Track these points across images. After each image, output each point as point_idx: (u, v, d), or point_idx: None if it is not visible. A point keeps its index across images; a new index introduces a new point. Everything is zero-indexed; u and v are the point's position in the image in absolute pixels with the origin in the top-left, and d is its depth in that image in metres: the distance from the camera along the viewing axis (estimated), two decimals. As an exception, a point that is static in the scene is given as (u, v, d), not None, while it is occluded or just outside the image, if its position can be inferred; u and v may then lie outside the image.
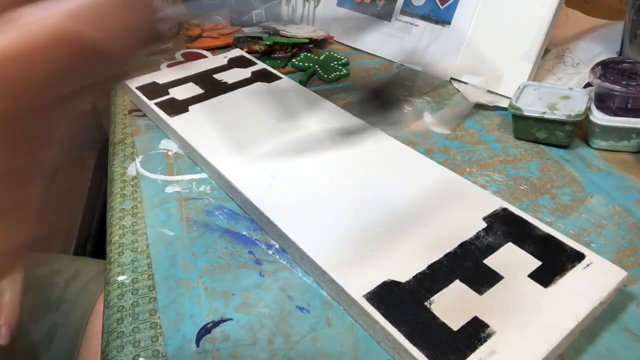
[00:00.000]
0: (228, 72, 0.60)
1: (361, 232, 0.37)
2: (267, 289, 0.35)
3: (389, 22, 0.69)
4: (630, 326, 0.32)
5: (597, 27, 0.65)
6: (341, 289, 0.33)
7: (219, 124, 0.50)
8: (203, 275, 0.37)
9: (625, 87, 0.46)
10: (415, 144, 0.50)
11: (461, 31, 0.61)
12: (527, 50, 0.56)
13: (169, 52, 0.73)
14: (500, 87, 0.58)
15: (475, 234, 0.36)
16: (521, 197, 0.43)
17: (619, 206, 0.42)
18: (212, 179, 0.46)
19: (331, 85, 0.63)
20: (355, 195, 0.40)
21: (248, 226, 0.41)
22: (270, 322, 0.33)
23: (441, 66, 0.63)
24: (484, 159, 0.48)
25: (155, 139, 0.53)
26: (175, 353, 0.31)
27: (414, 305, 0.31)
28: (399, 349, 0.30)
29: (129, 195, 0.45)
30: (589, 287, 0.32)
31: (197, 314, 0.34)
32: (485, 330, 0.30)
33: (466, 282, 0.33)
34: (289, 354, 0.31)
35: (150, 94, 0.56)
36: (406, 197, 0.40)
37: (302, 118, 0.51)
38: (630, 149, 0.48)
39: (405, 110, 0.57)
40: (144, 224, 0.42)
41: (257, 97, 0.55)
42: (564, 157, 0.48)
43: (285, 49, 0.69)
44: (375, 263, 0.34)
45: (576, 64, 0.60)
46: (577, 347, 0.31)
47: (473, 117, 0.55)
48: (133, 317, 0.34)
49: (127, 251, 0.39)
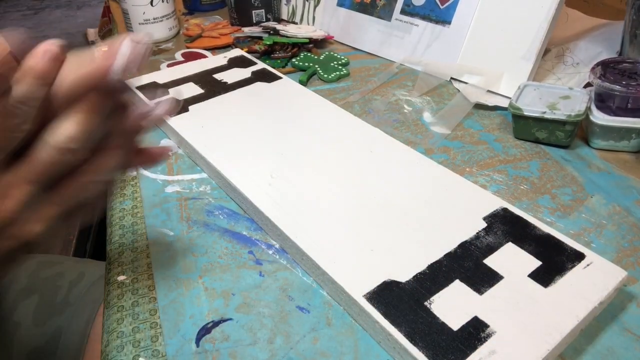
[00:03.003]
0: (228, 72, 0.60)
1: (361, 232, 0.37)
2: (267, 289, 0.35)
3: (389, 22, 0.69)
4: (630, 326, 0.32)
5: (597, 27, 0.65)
6: (341, 289, 0.33)
7: (219, 124, 0.50)
8: (203, 275, 0.37)
9: (625, 87, 0.46)
10: (415, 144, 0.50)
11: (461, 31, 0.61)
12: (527, 50, 0.56)
13: (169, 52, 0.73)
14: (500, 87, 0.58)
15: (475, 234, 0.36)
16: (521, 197, 0.43)
17: (619, 206, 0.42)
18: (212, 179, 0.46)
19: (331, 85, 0.63)
20: (355, 195, 0.40)
21: (248, 226, 0.41)
22: (270, 322, 0.33)
23: (441, 66, 0.63)
24: (484, 159, 0.48)
25: (155, 139, 0.53)
26: (175, 353, 0.31)
27: (414, 305, 0.31)
28: (399, 349, 0.30)
29: (129, 195, 0.45)
30: (589, 287, 0.32)
31: (197, 314, 0.34)
32: (485, 330, 0.30)
33: (466, 282, 0.33)
34: (289, 354, 0.31)
35: (150, 94, 0.56)
36: (406, 197, 0.40)
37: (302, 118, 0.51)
38: (630, 149, 0.48)
39: (406, 110, 0.57)
40: (144, 224, 0.42)
41: (257, 97, 0.55)
42: (564, 157, 0.48)
43: (285, 49, 0.69)
44: (375, 263, 0.34)
45: (576, 64, 0.60)
46: (577, 347, 0.31)
47: (473, 117, 0.55)
48: (133, 317, 0.34)
49: (127, 251, 0.39)
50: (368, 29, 0.71)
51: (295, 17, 0.80)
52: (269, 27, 0.74)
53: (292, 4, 0.80)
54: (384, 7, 0.70)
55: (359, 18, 0.72)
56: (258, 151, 0.46)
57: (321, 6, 0.77)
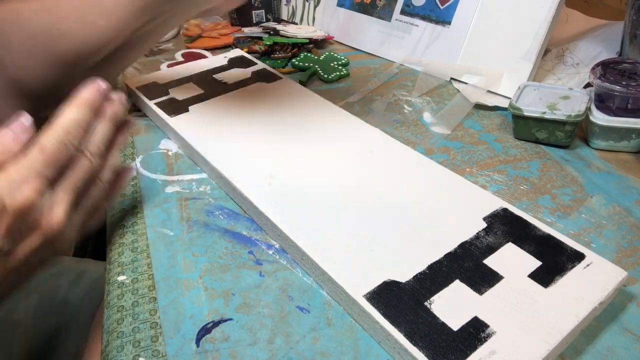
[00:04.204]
0: (228, 72, 0.60)
1: (361, 232, 0.37)
2: (267, 289, 0.35)
3: (389, 22, 0.69)
4: (630, 326, 0.32)
5: (597, 27, 0.65)
6: (341, 289, 0.33)
7: (219, 124, 0.50)
8: (203, 275, 0.37)
9: (625, 87, 0.46)
10: (415, 144, 0.50)
11: (461, 31, 0.61)
12: (527, 50, 0.56)
13: (169, 52, 0.73)
14: (500, 88, 0.58)
15: (475, 234, 0.36)
16: (521, 197, 0.43)
17: (619, 206, 0.42)
18: (212, 179, 0.46)
19: (331, 85, 0.63)
20: (355, 195, 0.40)
21: (248, 226, 0.41)
22: (270, 322, 0.33)
23: (441, 66, 0.63)
24: (484, 159, 0.48)
25: (155, 139, 0.53)
26: (175, 353, 0.31)
27: (414, 305, 0.31)
28: (399, 349, 0.30)
29: (129, 195, 0.45)
30: (589, 287, 0.32)
31: (197, 314, 0.34)
32: (485, 330, 0.30)
33: (466, 282, 0.33)
34: (289, 354, 0.31)
35: (150, 94, 0.56)
36: (406, 197, 0.40)
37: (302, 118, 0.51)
38: (630, 149, 0.48)
39: (406, 110, 0.57)
40: (144, 224, 0.42)
41: (257, 97, 0.55)
42: (564, 157, 0.48)
43: (285, 49, 0.69)
44: (375, 263, 0.34)
45: (576, 64, 0.60)
46: (577, 347, 0.31)
47: (473, 117, 0.55)
48: (133, 317, 0.34)
49: (127, 251, 0.39)
50: (368, 29, 0.71)
51: (295, 18, 0.80)
52: (269, 27, 0.74)
53: (292, 5, 0.80)
54: (383, 8, 0.70)
55: (359, 18, 0.72)
56: (258, 151, 0.46)
57: (321, 6, 0.77)
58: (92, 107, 0.32)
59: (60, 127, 0.31)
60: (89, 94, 0.32)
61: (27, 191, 0.29)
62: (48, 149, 0.30)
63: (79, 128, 0.32)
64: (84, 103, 0.32)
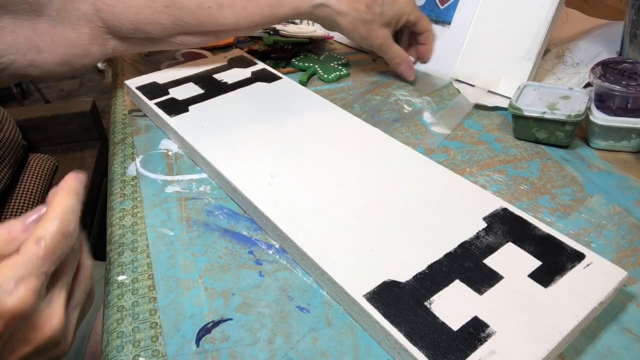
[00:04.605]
0: (228, 72, 0.60)
1: (361, 232, 0.37)
2: (267, 289, 0.35)
3: (389, 22, 0.69)
4: (630, 326, 0.32)
5: (597, 27, 0.65)
6: (341, 289, 0.33)
7: (219, 124, 0.50)
8: (203, 275, 0.37)
9: (625, 87, 0.46)
10: (415, 144, 0.50)
11: (461, 31, 0.61)
12: (527, 50, 0.56)
13: (169, 52, 0.73)
14: (500, 87, 0.58)
15: (475, 234, 0.36)
16: (521, 197, 0.43)
17: (619, 206, 0.42)
18: (212, 179, 0.46)
19: (331, 85, 0.63)
20: (355, 195, 0.40)
21: (248, 226, 0.41)
22: (270, 322, 0.33)
23: (441, 66, 0.63)
24: (484, 159, 0.48)
25: (155, 139, 0.53)
26: (175, 353, 0.31)
27: (414, 305, 0.31)
28: (399, 349, 0.30)
29: (129, 195, 0.45)
30: (589, 287, 0.32)
31: (197, 314, 0.34)
32: (485, 330, 0.30)
33: (466, 282, 0.33)
34: (289, 354, 0.31)
35: (150, 94, 0.56)
36: (406, 197, 0.40)
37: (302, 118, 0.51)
38: (630, 149, 0.48)
39: (406, 110, 0.57)
40: (143, 223, 0.42)
41: (257, 97, 0.55)
42: (564, 157, 0.48)
43: (285, 49, 0.69)
44: (375, 263, 0.34)
45: (576, 64, 0.60)
46: (577, 347, 0.31)
47: (473, 117, 0.55)
48: (133, 317, 0.34)
49: (127, 251, 0.39)
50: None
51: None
52: (269, 27, 0.74)
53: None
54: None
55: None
56: (258, 151, 0.46)
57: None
58: (79, 197, 0.29)
59: (59, 217, 0.27)
60: (76, 182, 0.29)
61: (22, 291, 0.25)
62: (48, 241, 0.26)
63: (75, 217, 0.28)
64: (74, 191, 0.29)
